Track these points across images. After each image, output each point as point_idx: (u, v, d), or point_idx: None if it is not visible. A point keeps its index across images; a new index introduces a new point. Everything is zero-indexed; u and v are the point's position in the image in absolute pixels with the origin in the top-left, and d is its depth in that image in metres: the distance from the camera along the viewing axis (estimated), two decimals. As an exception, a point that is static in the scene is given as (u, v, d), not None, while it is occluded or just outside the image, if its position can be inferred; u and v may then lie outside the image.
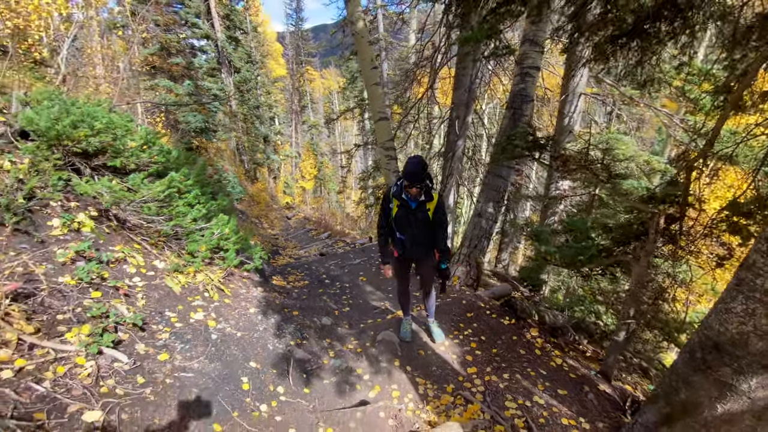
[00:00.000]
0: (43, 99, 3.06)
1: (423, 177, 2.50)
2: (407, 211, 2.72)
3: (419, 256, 2.91)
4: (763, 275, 1.74)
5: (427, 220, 2.74)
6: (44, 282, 2.09)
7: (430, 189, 2.69)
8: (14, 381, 1.57)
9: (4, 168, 2.61)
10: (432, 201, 2.71)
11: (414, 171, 2.48)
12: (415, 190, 2.55)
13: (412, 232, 2.78)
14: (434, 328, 3.41)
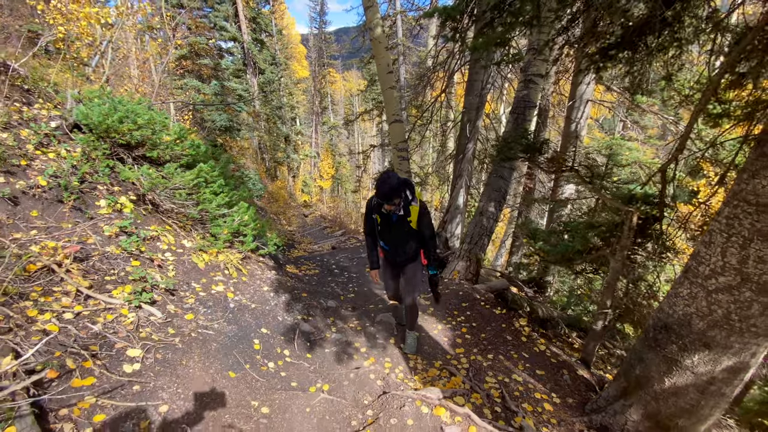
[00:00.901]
0: (93, 97, 3.55)
1: (393, 195, 2.41)
2: (389, 223, 2.68)
3: (405, 262, 2.89)
4: (704, 263, 1.99)
5: (411, 231, 2.69)
6: (95, 249, 2.52)
7: (409, 202, 2.60)
8: (74, 321, 1.98)
9: (61, 155, 3.08)
10: (411, 215, 2.63)
11: (383, 191, 2.39)
12: (390, 207, 2.49)
13: (396, 242, 2.76)
14: (409, 338, 3.31)
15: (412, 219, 2.63)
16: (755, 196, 1.78)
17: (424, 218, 2.67)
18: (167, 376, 1.97)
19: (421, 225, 2.69)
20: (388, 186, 2.38)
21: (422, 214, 2.66)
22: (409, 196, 2.59)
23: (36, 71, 4.09)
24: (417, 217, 2.65)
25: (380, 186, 2.41)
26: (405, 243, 2.75)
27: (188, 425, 1.78)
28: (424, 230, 2.71)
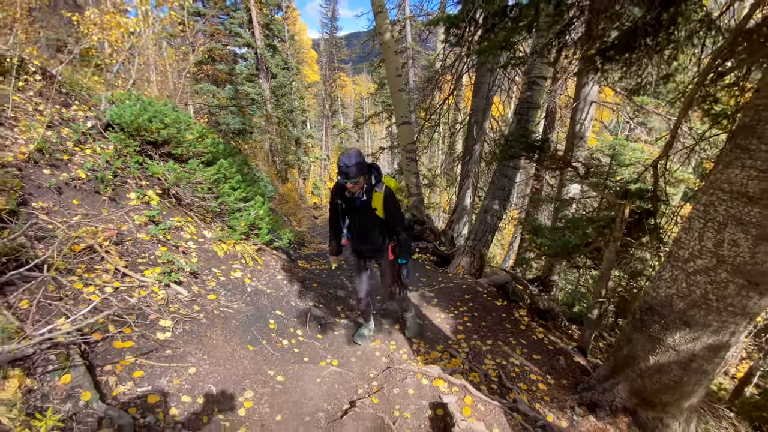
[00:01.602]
0: (124, 99, 3.85)
1: (354, 171, 2.25)
2: (353, 208, 2.55)
3: (371, 254, 2.79)
4: (684, 248, 2.15)
5: (376, 219, 2.55)
6: (128, 235, 2.79)
7: (372, 187, 2.46)
8: (114, 294, 2.23)
9: (96, 152, 3.38)
10: (374, 201, 2.48)
11: (344, 164, 2.25)
12: (351, 185, 2.34)
13: (359, 230, 2.63)
14: (408, 320, 3.31)
15: (376, 206, 2.48)
16: (729, 185, 1.94)
17: (389, 205, 2.50)
18: (194, 344, 2.21)
19: (387, 213, 2.52)
20: (349, 159, 2.24)
21: (387, 200, 2.48)
22: (373, 181, 2.45)
23: (71, 76, 4.42)
24: (382, 205, 2.48)
25: (342, 160, 2.25)
26: (369, 231, 2.61)
27: (213, 385, 2.01)
28: (391, 218, 2.55)
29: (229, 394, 2.02)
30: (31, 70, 3.58)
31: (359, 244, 2.72)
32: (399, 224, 2.61)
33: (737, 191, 1.90)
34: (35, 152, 2.83)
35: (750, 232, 1.86)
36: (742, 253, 1.90)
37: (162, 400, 1.77)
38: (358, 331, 3.18)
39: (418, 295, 4.51)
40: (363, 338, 3.13)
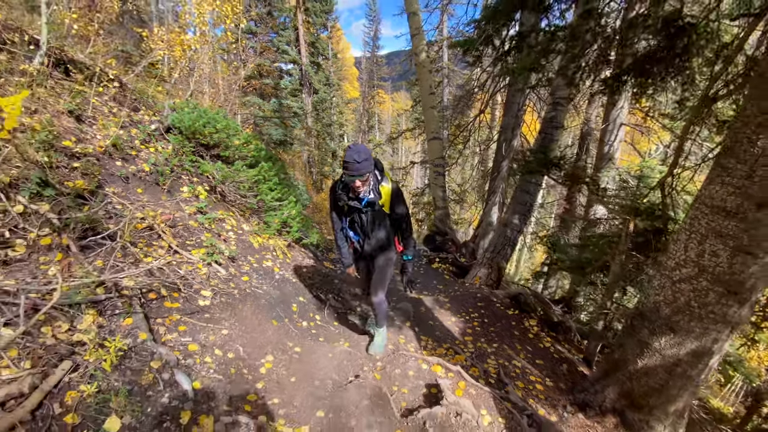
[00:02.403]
0: (183, 107, 4.47)
1: (365, 167, 2.10)
2: (357, 212, 2.41)
3: (376, 252, 2.64)
4: (671, 257, 2.31)
5: (383, 216, 2.46)
6: (180, 221, 3.28)
7: (379, 182, 2.33)
8: (167, 265, 2.69)
9: (158, 150, 3.96)
10: (383, 198, 2.36)
11: (353, 161, 2.07)
12: (359, 184, 2.19)
13: (367, 231, 2.51)
14: (378, 336, 2.96)
15: (384, 201, 2.36)
16: (710, 200, 2.10)
17: (398, 198, 2.40)
18: (228, 313, 2.60)
19: (395, 207, 2.42)
20: (359, 155, 2.08)
21: (396, 195, 2.39)
22: (378, 176, 2.32)
23: (138, 85, 5.16)
24: (389, 199, 2.37)
25: (350, 156, 2.08)
26: (377, 230, 2.49)
27: (241, 347, 2.38)
28: (398, 212, 2.45)
29: (254, 355, 2.38)
30: (108, 78, 4.27)
31: (366, 246, 2.58)
32: (407, 219, 2.53)
33: (717, 206, 2.06)
34: (110, 147, 3.42)
35: (728, 244, 2.01)
36: (721, 263, 2.04)
37: (200, 349, 2.15)
38: (370, 320, 3.35)
39: (432, 299, 4.75)
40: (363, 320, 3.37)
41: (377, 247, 2.60)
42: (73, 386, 1.54)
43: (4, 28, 3.66)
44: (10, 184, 2.19)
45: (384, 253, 2.64)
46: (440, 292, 5.23)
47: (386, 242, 2.59)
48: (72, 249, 2.16)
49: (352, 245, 2.69)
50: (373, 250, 2.61)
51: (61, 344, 1.66)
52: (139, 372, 1.76)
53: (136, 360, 1.80)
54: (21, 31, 3.78)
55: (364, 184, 2.24)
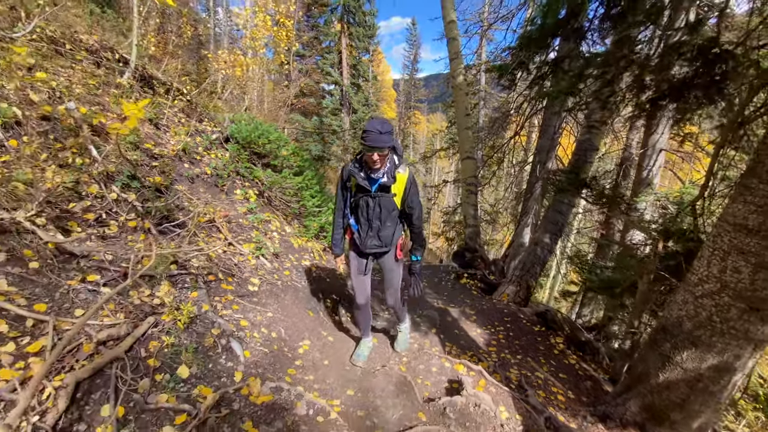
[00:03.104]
0: (241, 120, 5.00)
1: (385, 140, 1.91)
2: (366, 195, 2.17)
3: (379, 251, 2.38)
4: (695, 273, 2.38)
5: (393, 208, 2.21)
6: (233, 219, 3.69)
7: (396, 166, 2.12)
8: (222, 256, 3.06)
9: (218, 156, 4.46)
10: (397, 183, 2.13)
11: (373, 129, 1.89)
12: (377, 158, 1.96)
13: (369, 222, 2.25)
14: (401, 333, 2.93)
15: (397, 191, 2.16)
16: (733, 218, 2.18)
17: (412, 189, 2.20)
18: (272, 299, 2.92)
19: (408, 200, 2.21)
20: (383, 125, 1.91)
21: (411, 184, 2.18)
22: (396, 161, 2.12)
23: (202, 99, 5.79)
24: (404, 189, 2.17)
25: (372, 125, 1.91)
26: (383, 223, 2.25)
27: (282, 329, 2.67)
28: (411, 205, 2.24)
29: (293, 337, 2.66)
30: (179, 93, 4.87)
31: (367, 239, 2.31)
32: (419, 215, 2.31)
33: (739, 224, 2.14)
34: (180, 151, 3.92)
35: (750, 261, 2.08)
36: (742, 280, 2.10)
37: (249, 326, 2.46)
38: (356, 351, 2.79)
39: (458, 311, 4.87)
40: (362, 358, 2.73)
41: (380, 245, 2.32)
42: (155, 338, 1.87)
43: (101, 47, 4.34)
44: (107, 175, 2.65)
45: (388, 254, 2.42)
46: (467, 305, 5.33)
47: (390, 240, 2.33)
48: (152, 231, 2.56)
49: (350, 236, 2.42)
50: (375, 247, 2.33)
51: (145, 305, 2.02)
52: (202, 335, 2.08)
53: (200, 326, 2.13)
54: (113, 50, 4.46)
55: (382, 161, 2.01)
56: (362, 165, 2.12)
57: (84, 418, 1.43)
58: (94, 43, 4.17)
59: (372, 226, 2.27)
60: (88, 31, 4.46)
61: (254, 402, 1.86)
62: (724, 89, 3.44)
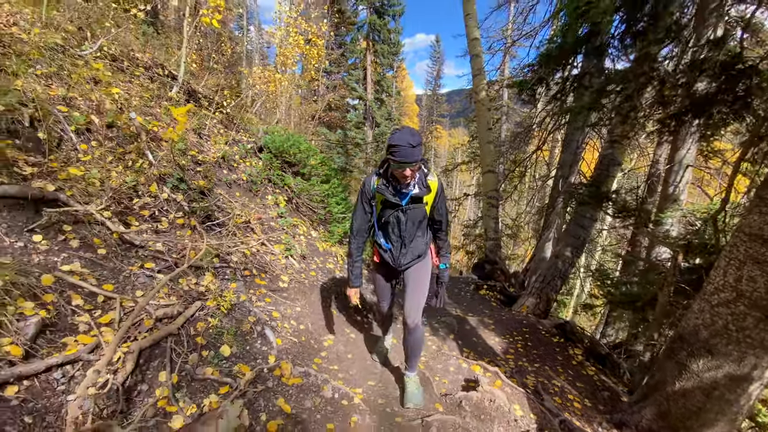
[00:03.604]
0: (274, 131, 5.34)
1: (418, 154, 1.76)
2: (396, 210, 2.01)
3: (413, 264, 2.20)
4: (711, 282, 2.43)
5: (422, 218, 2.08)
6: (265, 222, 3.96)
7: (425, 174, 1.99)
8: (256, 254, 3.30)
9: (252, 164, 4.78)
10: (430, 193, 2.00)
11: (405, 144, 1.72)
12: (409, 173, 1.81)
13: (402, 239, 2.09)
14: (410, 384, 2.39)
15: (428, 200, 2.02)
16: (749, 228, 2.24)
17: (443, 195, 2.10)
18: (300, 295, 3.12)
19: (438, 206, 2.09)
20: (413, 137, 1.75)
21: (441, 190, 2.07)
22: (424, 169, 1.99)
23: (237, 112, 6.20)
24: (434, 196, 2.04)
25: (403, 138, 1.73)
26: (417, 236, 2.11)
27: (309, 323, 2.87)
28: (441, 212, 2.12)
29: (319, 331, 2.85)
30: (219, 106, 5.26)
31: (401, 258, 2.14)
32: (447, 221, 2.20)
33: (755, 234, 2.20)
34: (220, 158, 4.25)
35: (765, 270, 2.13)
36: (758, 289, 2.15)
37: (280, 317, 2.66)
38: (378, 348, 2.86)
39: (477, 320, 4.94)
40: (382, 355, 2.82)
41: (414, 258, 2.16)
42: (201, 319, 2.10)
43: (153, 64, 4.79)
44: (160, 177, 2.96)
45: (420, 263, 2.20)
46: (486, 315, 5.38)
47: (424, 251, 2.19)
48: (198, 228, 2.83)
49: (377, 257, 2.27)
50: (409, 262, 2.16)
51: (192, 291, 2.26)
52: (241, 321, 2.30)
53: (239, 313, 2.35)
54: (163, 66, 4.90)
55: (413, 175, 1.87)
56: (389, 180, 1.95)
57: (146, 380, 1.66)
58: (147, 61, 4.62)
59: (405, 242, 2.10)
60: (141, 50, 4.93)
61: (286, 383, 2.05)
62: (750, 105, 3.48)
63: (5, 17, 3.28)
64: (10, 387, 1.35)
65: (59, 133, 2.61)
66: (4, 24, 3.18)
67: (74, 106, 2.90)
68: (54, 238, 2.06)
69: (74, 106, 2.90)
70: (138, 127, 2.97)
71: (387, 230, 2.12)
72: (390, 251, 2.17)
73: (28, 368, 1.41)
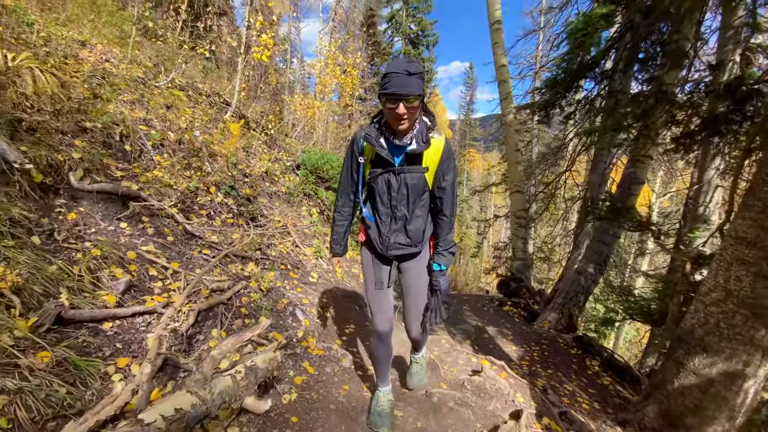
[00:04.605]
0: (309, 150, 5.95)
1: (415, 86, 1.37)
2: (386, 171, 1.57)
3: (405, 252, 1.72)
4: (705, 284, 2.60)
5: (423, 189, 1.61)
6: (299, 228, 4.46)
7: (428, 128, 1.54)
8: (290, 253, 3.78)
9: (291, 179, 5.37)
10: (430, 149, 1.54)
11: (401, 70, 1.36)
12: (404, 111, 1.38)
13: (393, 210, 1.63)
14: (415, 364, 2.31)
15: (429, 165, 1.57)
16: (735, 232, 2.42)
17: (449, 161, 1.60)
18: (327, 290, 3.54)
19: (443, 174, 1.60)
20: (411, 66, 1.37)
21: (447, 155, 1.58)
22: (428, 122, 1.56)
23: (279, 135, 6.92)
24: (438, 161, 1.57)
25: (399, 66, 1.37)
26: (411, 211, 1.63)
27: (334, 312, 3.26)
28: (443, 188, 1.62)
29: (342, 320, 3.23)
30: (264, 129, 5.97)
31: (390, 236, 1.67)
32: (452, 200, 1.67)
33: (741, 237, 2.37)
34: (264, 173, 4.86)
35: (750, 270, 2.29)
36: (744, 288, 2.30)
37: (309, 304, 3.08)
38: (374, 408, 1.97)
39: (495, 329, 5.11)
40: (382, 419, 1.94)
41: (407, 243, 1.68)
42: (245, 295, 2.56)
43: (211, 93, 5.60)
44: (215, 184, 3.55)
45: (417, 257, 1.79)
46: (506, 328, 5.51)
47: (420, 236, 1.70)
48: (244, 227, 3.36)
49: (363, 235, 1.82)
50: (400, 247, 1.69)
51: (239, 274, 2.74)
52: (276, 301, 2.73)
53: (275, 294, 2.79)
54: (219, 95, 5.69)
55: (410, 118, 1.43)
56: (381, 129, 1.54)
57: (202, 332, 2.11)
58: (207, 90, 5.43)
59: (396, 215, 1.63)
60: (202, 81, 5.78)
61: (311, 352, 2.43)
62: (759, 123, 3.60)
63: (100, 55, 4.12)
64: (106, 323, 1.84)
65: (140, 146, 3.27)
66: (99, 61, 4.00)
67: (151, 125, 3.59)
68: (135, 226, 2.63)
69: (151, 125, 3.59)
70: (200, 143, 3.60)
71: (374, 200, 1.64)
72: (376, 226, 1.68)
73: (119, 311, 1.90)
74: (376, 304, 1.87)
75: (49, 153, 2.32)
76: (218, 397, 1.37)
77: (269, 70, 8.19)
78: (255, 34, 4.85)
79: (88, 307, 1.76)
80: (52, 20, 4.00)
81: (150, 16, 5.35)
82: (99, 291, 1.93)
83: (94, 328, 1.73)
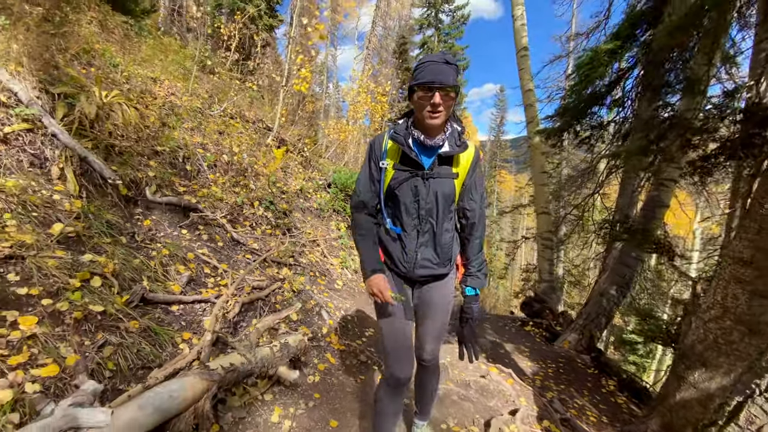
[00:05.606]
0: (340, 170, 6.46)
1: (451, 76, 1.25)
2: (413, 176, 1.40)
3: (431, 273, 1.52)
4: (704, 302, 2.72)
5: (451, 198, 1.44)
6: (327, 240, 4.89)
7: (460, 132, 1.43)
8: (319, 262, 4.19)
9: (322, 196, 5.87)
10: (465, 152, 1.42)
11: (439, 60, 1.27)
12: (439, 101, 1.26)
13: (420, 221, 1.44)
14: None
15: (460, 170, 1.43)
16: (733, 252, 2.57)
17: (478, 170, 1.50)
18: (351, 297, 3.90)
19: (471, 187, 1.49)
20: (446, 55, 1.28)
21: (476, 164, 1.47)
22: (457, 127, 1.44)
23: (314, 157, 7.50)
24: (468, 168, 1.45)
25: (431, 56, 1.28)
26: (439, 223, 1.45)
27: (356, 316, 3.60)
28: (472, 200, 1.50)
29: (363, 324, 3.57)
30: (300, 151, 6.56)
31: (418, 252, 1.48)
32: (481, 216, 1.53)
33: (737, 257, 2.52)
34: (298, 190, 5.38)
35: (746, 288, 2.43)
36: (740, 305, 2.44)
37: (333, 307, 3.45)
38: None
39: (513, 346, 5.24)
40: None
41: (436, 262, 1.50)
42: (279, 294, 2.97)
43: (256, 119, 6.27)
44: (258, 200, 4.06)
45: (442, 279, 1.57)
46: (524, 346, 5.60)
47: (449, 254, 1.52)
48: (280, 237, 3.82)
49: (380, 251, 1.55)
50: (429, 267, 1.50)
51: (275, 276, 3.17)
52: (305, 301, 3.13)
53: (304, 296, 3.19)
54: (262, 121, 6.36)
55: (446, 110, 1.31)
56: (409, 129, 1.41)
57: (245, 321, 2.53)
58: (252, 117, 6.11)
59: (422, 228, 1.44)
60: (248, 109, 6.49)
61: (333, 347, 2.79)
62: (777, 149, 3.69)
63: (167, 89, 4.84)
64: (174, 306, 2.29)
65: (198, 166, 3.84)
66: (167, 94, 4.71)
67: (207, 149, 4.18)
68: (193, 232, 3.14)
69: (207, 149, 4.18)
70: (246, 164, 4.15)
71: (398, 208, 1.44)
72: (400, 239, 1.46)
73: (183, 298, 2.35)
74: (396, 343, 1.50)
75: (132, 171, 2.89)
76: (260, 361, 1.75)
77: (306, 98, 8.93)
78: (296, 69, 5.47)
79: (161, 293, 2.23)
80: (131, 60, 4.78)
81: (208, 55, 6.16)
82: (168, 281, 2.40)
83: (165, 309, 2.19)
